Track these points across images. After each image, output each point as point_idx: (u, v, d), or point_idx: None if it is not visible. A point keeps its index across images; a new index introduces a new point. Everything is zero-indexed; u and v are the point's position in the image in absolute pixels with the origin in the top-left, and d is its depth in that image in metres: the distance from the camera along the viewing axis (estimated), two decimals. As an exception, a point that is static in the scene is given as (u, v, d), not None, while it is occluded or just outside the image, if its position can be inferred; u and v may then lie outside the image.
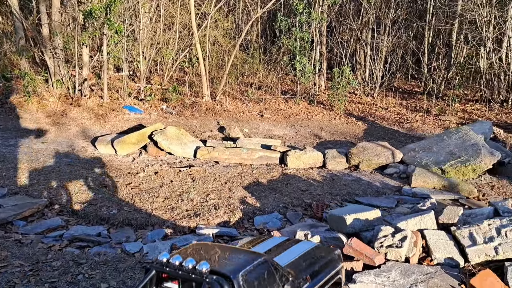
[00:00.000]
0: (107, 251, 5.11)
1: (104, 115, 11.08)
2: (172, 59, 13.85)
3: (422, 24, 16.68)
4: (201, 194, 6.99)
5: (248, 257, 2.52)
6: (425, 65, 16.23)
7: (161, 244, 5.27)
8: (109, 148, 8.83)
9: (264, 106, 13.26)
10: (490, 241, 4.44)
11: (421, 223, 4.87)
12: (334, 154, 8.89)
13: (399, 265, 4.35)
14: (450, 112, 13.42)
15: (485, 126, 9.83)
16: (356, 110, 13.66)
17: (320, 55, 15.52)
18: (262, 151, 8.98)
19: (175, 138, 8.99)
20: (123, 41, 12.40)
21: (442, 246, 4.56)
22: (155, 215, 6.17)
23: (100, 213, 6.22)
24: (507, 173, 8.45)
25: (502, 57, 13.90)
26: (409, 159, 8.71)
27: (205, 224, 5.98)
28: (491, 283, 4.01)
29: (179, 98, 12.65)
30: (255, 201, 6.82)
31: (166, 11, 14.61)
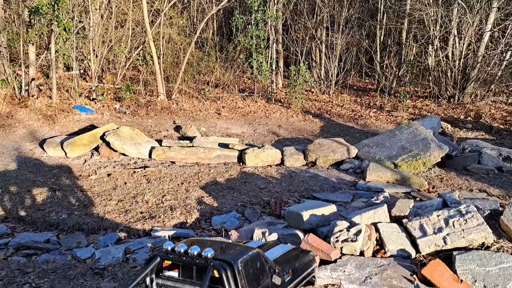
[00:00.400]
0: (56, 258, 4.86)
1: (53, 116, 10.59)
2: (125, 57, 13.46)
3: (374, 23, 17.15)
4: (157, 195, 6.82)
5: (243, 249, 2.80)
6: (377, 63, 16.71)
7: (114, 248, 5.07)
8: (59, 150, 8.45)
9: (221, 104, 13.17)
10: (439, 231, 4.59)
11: (374, 217, 4.98)
12: (292, 151, 8.95)
13: (354, 258, 4.42)
14: (401, 108, 13.89)
15: (434, 121, 10.23)
16: (313, 107, 13.85)
17: (277, 53, 15.61)
18: (220, 150, 8.90)
19: (129, 138, 8.73)
20: (73, 39, 11.91)
21: (394, 239, 4.68)
22: (107, 219, 5.94)
23: (48, 219, 5.92)
24: (454, 166, 8.83)
25: (449, 54, 14.54)
26: (363, 154, 8.92)
27: (160, 226, 5.83)
28: (441, 272, 4.15)
29: (133, 97, 12.32)
30: (212, 201, 6.73)
31: (118, 8, 14.17)
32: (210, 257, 2.51)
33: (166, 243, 2.74)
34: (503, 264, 4.16)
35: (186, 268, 2.61)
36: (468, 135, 11.64)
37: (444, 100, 14.45)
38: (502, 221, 4.70)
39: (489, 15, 13.82)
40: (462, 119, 12.91)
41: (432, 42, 14.96)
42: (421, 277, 4.18)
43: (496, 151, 9.10)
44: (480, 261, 4.21)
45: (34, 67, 11.33)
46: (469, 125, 12.47)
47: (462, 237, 4.47)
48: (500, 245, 4.44)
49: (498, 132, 12.03)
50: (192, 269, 2.60)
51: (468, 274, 4.13)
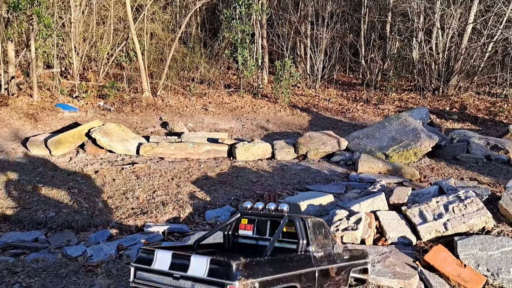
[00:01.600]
0: (46, 257, 4.65)
1: (35, 114, 10.25)
2: (107, 54, 13.15)
3: (358, 17, 17.19)
4: (147, 191, 6.64)
5: (311, 215, 3.26)
6: (362, 57, 16.75)
7: (106, 245, 4.89)
8: (43, 148, 8.17)
9: (207, 100, 12.99)
10: (439, 217, 4.56)
11: (373, 205, 4.92)
12: (282, 145, 8.86)
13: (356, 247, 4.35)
14: (387, 101, 13.94)
15: (422, 112, 10.27)
16: (300, 102, 13.78)
17: (262, 48, 15.49)
18: (209, 144, 8.75)
19: (115, 134, 8.50)
20: (53, 36, 11.56)
21: (394, 226, 4.62)
22: (98, 216, 5.74)
23: (36, 217, 5.69)
24: (444, 155, 8.88)
25: (432, 47, 14.65)
26: (354, 146, 8.89)
27: (153, 221, 5.66)
28: (444, 257, 4.11)
29: (117, 94, 12.04)
30: (205, 195, 6.59)
31: (99, 4, 13.84)
32: (286, 211, 2.88)
33: (245, 202, 3.14)
34: (505, 248, 4.15)
35: (260, 226, 2.93)
36: (455, 126, 11.74)
37: (429, 93, 14.56)
38: (501, 205, 4.69)
39: (471, 7, 13.97)
40: (448, 111, 13.02)
41: (416, 35, 15.06)
42: (424, 263, 4.14)
43: (484, 140, 9.18)
44: (482, 246, 4.19)
45: (13, 65, 10.94)
46: (454, 116, 12.59)
47: (463, 222, 4.44)
48: (500, 229, 4.43)
49: (483, 123, 12.18)
50: (266, 227, 2.93)
51: (470, 259, 4.10)
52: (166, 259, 2.47)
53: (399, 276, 3.93)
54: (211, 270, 2.30)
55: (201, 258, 2.38)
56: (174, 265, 2.44)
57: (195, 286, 2.34)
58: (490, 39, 14.05)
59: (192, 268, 2.35)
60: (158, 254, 2.50)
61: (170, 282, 2.42)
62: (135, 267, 2.59)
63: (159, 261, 2.49)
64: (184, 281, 2.39)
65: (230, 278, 2.22)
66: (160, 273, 2.47)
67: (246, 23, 13.50)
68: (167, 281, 2.43)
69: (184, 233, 5.44)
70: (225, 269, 2.26)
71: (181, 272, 2.38)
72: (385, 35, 16.61)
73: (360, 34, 17.06)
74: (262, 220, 2.96)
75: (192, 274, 2.35)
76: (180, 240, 5.19)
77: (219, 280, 2.25)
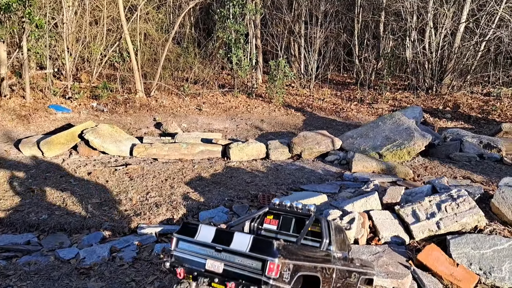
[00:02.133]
0: (38, 260, 4.62)
1: (28, 116, 10.19)
2: (101, 55, 13.09)
3: (351, 16, 17.22)
4: (141, 192, 6.61)
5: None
6: (356, 57, 16.78)
7: (99, 247, 4.87)
8: (35, 150, 8.11)
9: (201, 100, 12.97)
10: (432, 216, 4.57)
11: (366, 205, 4.93)
12: (277, 145, 8.86)
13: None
14: (381, 100, 13.98)
15: (415, 111, 10.30)
16: (294, 101, 13.79)
17: (256, 48, 15.48)
18: (203, 145, 8.72)
19: (108, 136, 8.46)
20: (45, 37, 11.49)
21: (388, 225, 4.63)
22: (90, 218, 5.71)
23: (28, 220, 5.64)
24: (437, 154, 8.91)
25: (426, 46, 14.71)
26: (348, 146, 8.90)
27: (146, 223, 5.63)
28: (436, 256, 4.12)
29: (111, 95, 11.98)
30: (199, 196, 6.57)
31: (92, 4, 13.77)
32: (313, 210, 3.08)
33: (274, 199, 3.27)
34: (497, 246, 4.17)
35: (285, 221, 3.12)
36: (448, 125, 11.79)
37: (422, 92, 14.62)
38: (493, 204, 4.71)
39: (463, 6, 14.04)
40: (441, 110, 13.08)
41: (410, 34, 15.11)
42: (417, 263, 4.15)
43: (477, 138, 9.23)
44: (474, 244, 4.21)
45: (5, 66, 10.86)
46: (448, 115, 12.64)
47: (455, 221, 4.46)
48: (492, 228, 4.45)
49: (476, 121, 12.24)
50: (290, 223, 3.12)
51: (463, 258, 4.11)
52: (210, 233, 2.67)
53: (392, 275, 3.93)
54: (253, 246, 2.50)
55: (244, 235, 2.59)
56: (217, 238, 2.64)
57: (236, 258, 2.54)
58: (483, 38, 14.12)
59: (235, 243, 2.56)
60: (202, 228, 2.71)
61: (212, 254, 2.63)
62: (177, 237, 2.78)
63: (202, 234, 2.69)
64: (226, 253, 2.59)
65: (271, 254, 2.42)
66: (202, 245, 2.67)
67: (240, 23, 13.49)
68: (209, 252, 2.64)
69: (177, 234, 5.42)
70: (267, 247, 2.46)
71: (224, 245, 2.58)
72: (378, 35, 16.65)
73: (354, 34, 17.10)
74: (287, 217, 3.15)
75: (235, 248, 2.55)
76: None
77: (261, 255, 2.44)
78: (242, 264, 2.53)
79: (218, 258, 2.61)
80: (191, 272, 2.68)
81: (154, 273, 4.25)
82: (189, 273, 2.69)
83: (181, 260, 2.74)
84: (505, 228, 4.47)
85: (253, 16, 14.59)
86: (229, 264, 2.57)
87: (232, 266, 2.56)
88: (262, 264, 2.43)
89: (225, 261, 2.59)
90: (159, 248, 4.82)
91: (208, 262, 2.63)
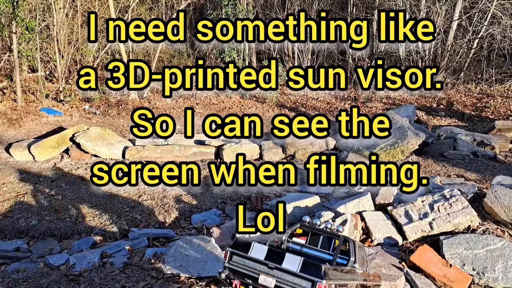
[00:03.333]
0: (27, 267, 4.55)
1: (19, 119, 10.10)
2: (93, 57, 13.00)
3: (344, 15, 17.20)
4: (133, 196, 6.55)
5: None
6: (350, 55, 16.76)
7: (90, 253, 4.80)
8: (26, 154, 8.03)
9: (195, 101, 12.91)
10: (424, 217, 4.54)
11: (359, 206, 4.89)
12: (270, 146, 8.82)
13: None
14: (375, 99, 13.96)
15: (409, 110, 10.28)
16: (288, 101, 13.75)
17: (249, 48, 15.43)
18: (196, 147, 8.67)
19: (100, 138, 8.39)
20: (36, 39, 11.39)
21: (380, 227, 4.60)
22: (81, 223, 5.65)
23: (17, 226, 5.57)
24: (431, 153, 8.90)
25: (419, 44, 14.71)
26: (341, 145, 8.87)
27: (138, 227, 5.57)
28: (430, 257, 4.09)
29: (103, 97, 11.90)
30: (191, 199, 6.52)
31: (83, 6, 13.67)
32: (342, 231, 3.38)
33: (304, 216, 3.56)
34: (490, 246, 4.14)
35: (313, 238, 3.40)
36: (442, 123, 11.80)
37: (416, 90, 14.61)
38: (486, 203, 4.69)
39: (456, 4, 14.05)
40: (435, 108, 13.08)
41: (403, 32, 15.08)
42: (410, 264, 4.11)
43: (470, 136, 9.22)
44: (467, 245, 4.18)
45: (-4, 69, 10.79)
46: (442, 113, 12.65)
47: (448, 221, 4.43)
48: (485, 227, 4.43)
49: (470, 119, 12.25)
50: (318, 239, 3.37)
51: (456, 258, 4.08)
52: (262, 251, 2.94)
53: (385, 277, 3.90)
54: (302, 267, 2.78)
55: (294, 256, 2.86)
56: (269, 256, 2.91)
57: (287, 276, 2.81)
58: (476, 35, 14.14)
59: (286, 262, 2.83)
60: (255, 245, 2.97)
61: (264, 270, 2.89)
62: (231, 251, 3.03)
63: (255, 251, 2.95)
64: (278, 271, 2.86)
65: (320, 277, 2.70)
66: (255, 261, 2.93)
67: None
68: (262, 268, 2.90)
69: (169, 238, 5.36)
70: (316, 269, 2.75)
71: (276, 264, 2.85)
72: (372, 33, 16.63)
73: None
74: (316, 234, 3.43)
75: (286, 267, 2.82)
76: (165, 246, 5.11)
77: (311, 277, 2.72)
78: (293, 282, 2.79)
79: (271, 274, 2.87)
80: (245, 285, 2.98)
81: (145, 279, 4.20)
82: (244, 285, 2.99)
83: (235, 273, 3.02)
84: (498, 228, 4.45)
85: (246, 15, 14.54)
86: (280, 281, 2.83)
87: (283, 283, 2.82)
88: (312, 285, 2.72)
89: (276, 277, 2.85)
90: (150, 253, 4.76)
91: (261, 277, 2.90)
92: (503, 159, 8.52)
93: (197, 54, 15.80)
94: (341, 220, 4.51)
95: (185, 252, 4.38)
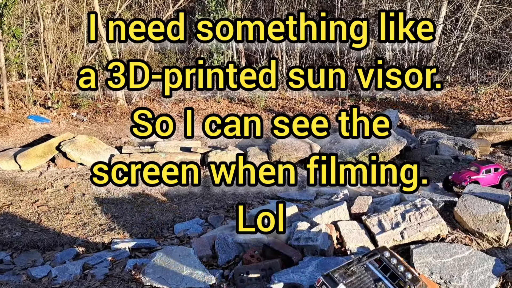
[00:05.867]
0: (10, 280, 4.64)
1: (6, 127, 10.14)
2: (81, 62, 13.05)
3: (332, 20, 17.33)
4: (117, 205, 6.64)
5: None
6: (337, 59, 16.91)
7: (72, 265, 4.89)
8: (12, 163, 8.09)
9: (183, 106, 13.00)
10: (396, 226, 4.68)
11: (334, 215, 5.02)
12: (256, 152, 8.94)
13: (316, 259, 4.44)
14: (362, 102, 14.13)
15: (392, 115, 10.44)
16: (276, 105, 13.88)
17: (237, 53, 15.54)
18: (182, 154, 8.77)
19: (86, 147, 8.46)
20: (23, 46, 11.43)
21: (354, 236, 4.73)
22: (64, 234, 5.73)
23: (1, 238, 5.65)
24: (413, 157, 9.06)
25: (405, 48, 14.89)
26: (326, 151, 9.00)
27: (121, 237, 5.68)
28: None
29: (91, 103, 11.97)
30: (175, 207, 6.62)
31: (71, 12, 13.71)
32: (410, 279, 3.62)
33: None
34: (458, 255, 4.28)
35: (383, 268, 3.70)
36: (426, 126, 11.98)
37: (402, 93, 14.79)
38: (456, 212, 4.84)
39: (440, 9, 14.24)
40: (420, 110, 13.26)
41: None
42: (381, 273, 4.24)
43: (452, 141, 9.40)
44: (436, 253, 4.32)
45: (-17, 77, 10.81)
46: (427, 116, 12.83)
47: (418, 230, 4.57)
48: (454, 236, 4.57)
49: (454, 122, 12.45)
50: (387, 272, 3.68)
51: (425, 267, 4.22)
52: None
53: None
54: None
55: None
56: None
57: None
58: (460, 39, 14.34)
59: None
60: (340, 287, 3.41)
61: None
62: (322, 280, 3.47)
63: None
64: None
65: None
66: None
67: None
68: None
69: (151, 248, 5.46)
70: None
71: None
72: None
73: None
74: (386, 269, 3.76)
75: None
76: (147, 256, 5.21)
77: None
78: None
79: None
80: None
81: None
82: None
83: None
84: (466, 236, 4.59)
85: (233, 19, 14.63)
86: None
87: None
88: None
89: None
90: (131, 264, 4.86)
91: None
92: (483, 163, 8.68)
93: (186, 59, 15.89)
94: (317, 230, 4.64)
95: (164, 264, 4.49)
